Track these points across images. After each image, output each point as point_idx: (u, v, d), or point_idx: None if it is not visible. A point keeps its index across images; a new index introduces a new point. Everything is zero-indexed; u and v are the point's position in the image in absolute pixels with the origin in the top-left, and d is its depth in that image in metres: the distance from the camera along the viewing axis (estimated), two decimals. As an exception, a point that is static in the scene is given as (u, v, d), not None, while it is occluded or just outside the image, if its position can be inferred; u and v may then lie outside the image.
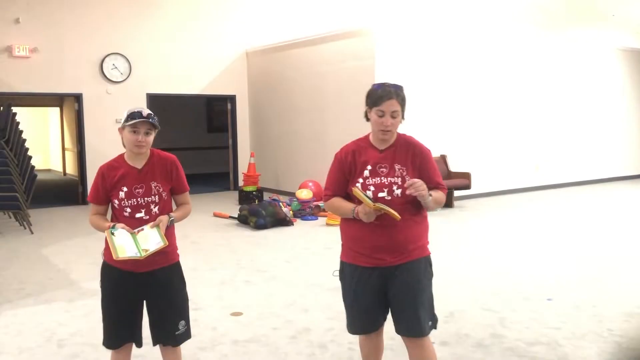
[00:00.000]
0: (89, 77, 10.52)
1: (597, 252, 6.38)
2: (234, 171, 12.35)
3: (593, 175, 12.52)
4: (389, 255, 2.69)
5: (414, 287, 2.72)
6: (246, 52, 12.16)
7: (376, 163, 2.72)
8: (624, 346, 3.74)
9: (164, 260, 2.80)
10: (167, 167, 2.84)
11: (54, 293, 5.12)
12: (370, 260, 2.71)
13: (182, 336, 2.89)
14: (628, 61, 12.94)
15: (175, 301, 2.86)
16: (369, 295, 2.75)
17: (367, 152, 2.77)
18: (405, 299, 2.72)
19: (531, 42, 11.32)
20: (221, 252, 6.67)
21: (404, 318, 2.74)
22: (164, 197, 2.80)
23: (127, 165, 2.80)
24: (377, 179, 2.70)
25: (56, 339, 4.00)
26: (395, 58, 9.39)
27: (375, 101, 2.71)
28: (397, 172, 2.70)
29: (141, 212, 2.74)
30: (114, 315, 2.82)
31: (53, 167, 17.66)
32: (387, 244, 2.68)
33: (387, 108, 2.67)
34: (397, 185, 2.68)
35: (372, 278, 2.73)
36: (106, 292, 2.84)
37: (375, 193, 2.68)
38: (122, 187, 2.75)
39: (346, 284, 2.83)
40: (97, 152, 10.55)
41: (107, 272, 2.83)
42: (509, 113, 11.00)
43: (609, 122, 12.75)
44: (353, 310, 2.83)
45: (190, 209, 2.96)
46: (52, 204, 10.57)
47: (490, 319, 4.27)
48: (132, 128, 2.73)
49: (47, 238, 7.55)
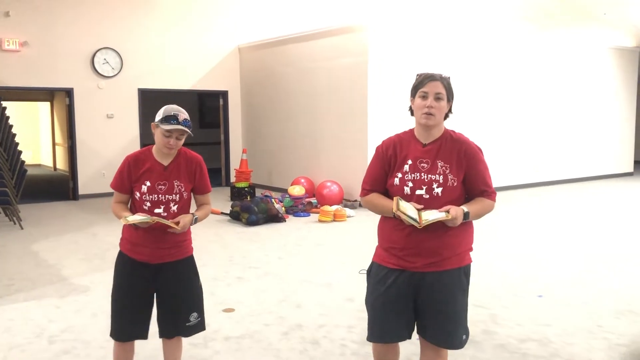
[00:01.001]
0: (80, 71, 10.44)
1: (587, 249, 6.42)
2: (226, 167, 12.32)
3: (585, 172, 12.60)
4: (422, 259, 2.48)
5: (447, 299, 2.51)
6: (238, 47, 12.11)
7: (417, 157, 2.51)
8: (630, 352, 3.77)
9: (179, 253, 2.85)
10: (192, 168, 2.87)
11: (45, 289, 5.08)
12: (399, 262, 2.51)
13: (194, 328, 2.91)
14: (620, 60, 13.02)
15: (189, 293, 2.89)
16: (394, 299, 2.53)
17: (409, 145, 2.56)
18: (435, 311, 2.52)
19: (525, 40, 11.35)
20: (213, 248, 6.65)
21: (434, 329, 2.55)
22: (185, 196, 2.83)
23: (154, 159, 2.82)
24: (416, 174, 2.49)
25: (47, 335, 3.98)
26: (389, 55, 9.39)
27: (418, 84, 2.55)
28: (439, 170, 2.48)
29: (160, 208, 2.77)
30: (125, 307, 2.84)
31: (43, 162, 17.53)
32: (423, 246, 2.46)
33: (430, 89, 2.49)
34: (437, 184, 2.47)
35: (398, 282, 2.52)
36: (119, 283, 2.86)
37: (413, 189, 2.49)
38: (145, 180, 2.78)
39: (370, 285, 2.63)
40: (88, 147, 10.49)
41: (121, 262, 2.86)
42: (503, 111, 11.04)
43: (602, 121, 12.82)
44: (374, 314, 2.60)
45: (210, 209, 3.00)
46: (43, 199, 10.49)
47: (481, 315, 4.29)
48: (166, 132, 2.72)
49: (38, 234, 7.50)
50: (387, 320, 2.55)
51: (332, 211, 8.21)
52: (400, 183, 2.51)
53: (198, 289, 2.94)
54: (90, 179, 10.52)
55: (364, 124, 9.12)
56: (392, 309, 2.53)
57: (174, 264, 2.83)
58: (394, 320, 2.54)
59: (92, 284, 5.18)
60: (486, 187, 2.53)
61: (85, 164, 10.48)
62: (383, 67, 9.21)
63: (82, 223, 8.19)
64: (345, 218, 8.25)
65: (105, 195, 10.12)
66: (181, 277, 2.85)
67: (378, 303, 2.56)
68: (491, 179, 2.58)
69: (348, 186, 9.38)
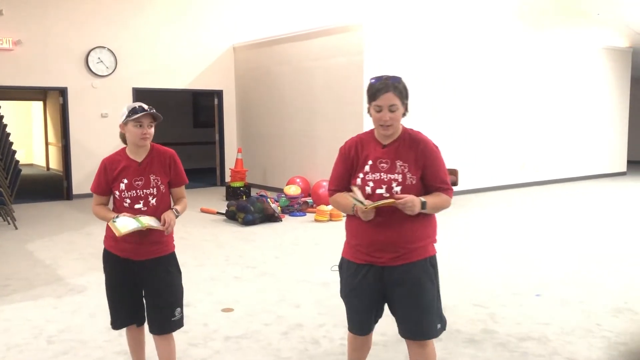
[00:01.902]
0: (74, 70, 10.38)
1: (583, 249, 6.45)
2: (221, 167, 12.29)
3: (578, 172, 12.67)
4: (386, 254, 2.59)
5: (415, 290, 2.62)
6: (233, 46, 12.08)
7: (377, 158, 2.63)
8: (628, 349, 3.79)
9: (161, 250, 2.94)
10: (166, 161, 2.97)
11: (42, 289, 5.05)
12: (366, 257, 2.63)
13: (177, 323, 3.00)
14: (613, 60, 13.10)
15: (173, 288, 2.98)
16: (362, 295, 2.67)
17: (369, 146, 2.67)
18: (406, 303, 2.63)
19: (519, 39, 11.40)
20: (209, 248, 6.63)
21: (406, 322, 2.66)
22: (162, 190, 2.93)
23: (128, 158, 2.93)
24: (376, 174, 2.61)
25: (45, 336, 3.95)
26: (384, 54, 9.40)
27: (372, 96, 2.61)
28: (398, 169, 2.59)
29: (140, 203, 2.87)
30: (115, 299, 2.99)
31: (36, 162, 17.42)
32: (386, 241, 2.58)
33: (384, 102, 2.56)
34: (396, 182, 2.58)
35: (368, 277, 2.64)
36: (107, 277, 3.00)
37: (373, 189, 2.60)
38: (122, 179, 2.88)
39: (342, 280, 2.79)
40: (82, 147, 10.43)
41: (107, 259, 2.98)
42: (496, 110, 11.07)
43: (595, 120, 12.89)
44: (348, 307, 2.79)
45: (186, 202, 3.09)
46: (36, 199, 10.43)
47: (480, 314, 4.30)
48: (137, 122, 2.84)
49: (32, 233, 7.45)
50: (362, 312, 2.72)
51: (328, 211, 8.21)
52: (362, 183, 2.64)
53: (181, 285, 3.04)
54: (84, 178, 10.45)
55: (359, 124, 9.11)
56: (366, 302, 2.69)
57: (157, 261, 2.92)
58: (367, 313, 2.72)
59: (88, 284, 5.15)
60: (442, 183, 2.65)
61: (80, 163, 10.42)
62: (379, 67, 9.22)
63: (76, 223, 8.14)
64: (342, 218, 8.25)
65: (100, 195, 10.06)
66: (164, 273, 2.94)
67: (352, 297, 2.72)
68: (447, 175, 2.69)
69: (344, 186, 9.37)
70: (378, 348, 3.65)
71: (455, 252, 6.22)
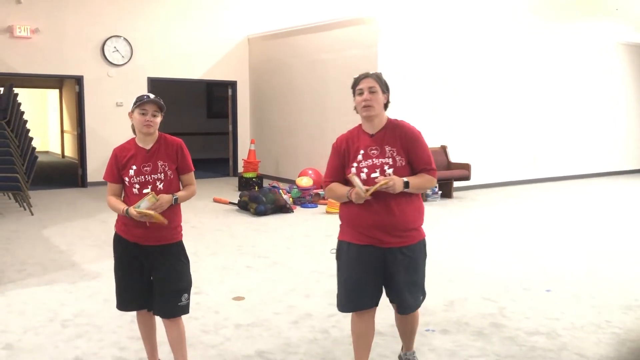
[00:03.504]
0: (90, 59, 10.48)
1: (595, 245, 6.43)
2: (234, 157, 12.36)
3: (592, 169, 12.57)
4: (387, 236, 2.83)
5: (414, 270, 2.93)
6: (248, 38, 12.11)
7: (367, 146, 2.89)
8: (627, 341, 3.79)
9: (169, 237, 3.01)
10: (174, 149, 3.05)
11: (56, 274, 5.14)
12: (367, 238, 2.86)
13: (183, 308, 3.06)
14: (629, 55, 12.96)
15: (181, 275, 3.04)
16: (364, 272, 2.87)
17: (359, 138, 2.94)
18: (409, 282, 2.92)
19: (534, 34, 11.31)
20: (222, 237, 6.69)
21: (404, 298, 2.93)
22: (170, 175, 3.01)
23: (137, 146, 3.04)
24: (369, 161, 2.87)
25: (60, 319, 4.03)
26: (398, 47, 9.38)
27: (355, 84, 2.94)
28: (388, 153, 2.86)
29: (148, 188, 2.96)
30: (123, 282, 3.06)
31: (51, 149, 17.62)
32: (383, 223, 2.82)
33: (364, 85, 2.88)
34: (388, 165, 2.84)
35: (369, 256, 2.86)
36: (116, 260, 3.08)
37: (368, 174, 2.84)
38: (132, 165, 2.98)
39: (342, 261, 2.96)
40: (97, 135, 10.55)
41: (117, 243, 3.06)
42: (509, 105, 11.01)
43: (609, 116, 12.78)
44: (347, 286, 2.92)
45: (194, 189, 3.16)
46: (52, 186, 10.57)
47: (490, 308, 4.32)
48: (141, 110, 2.96)
49: (48, 219, 7.56)
50: (359, 290, 2.90)
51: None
52: (356, 171, 2.87)
53: (188, 272, 3.10)
54: (99, 166, 10.56)
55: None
56: (367, 278, 2.89)
57: (165, 248, 2.99)
58: (366, 289, 2.91)
59: (102, 270, 5.23)
60: (427, 165, 2.90)
61: (94, 151, 10.53)
62: (393, 59, 9.21)
63: (91, 210, 8.25)
64: (353, 210, 8.27)
65: (114, 183, 10.18)
66: (173, 260, 3.01)
67: (354, 275, 2.89)
68: (431, 157, 2.93)
69: (356, 178, 9.39)
70: (387, 339, 3.69)
71: (465, 247, 6.23)
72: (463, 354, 3.53)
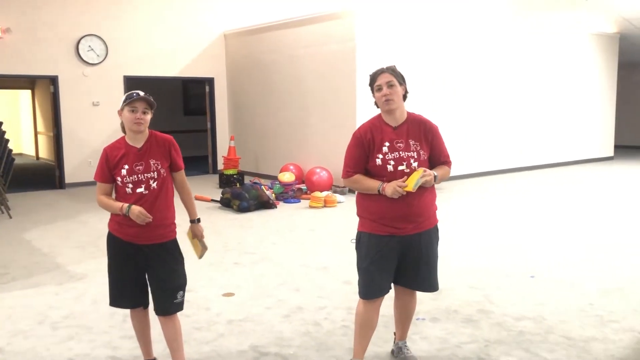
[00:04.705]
0: (65, 59, 10.31)
1: (572, 233, 6.58)
2: (213, 155, 12.29)
3: (566, 157, 12.83)
4: (409, 224, 2.95)
5: (431, 252, 3.07)
6: (224, 34, 12.05)
7: (393, 139, 2.96)
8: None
9: (164, 235, 3.01)
10: (166, 146, 3.04)
11: (42, 277, 5.08)
12: (390, 229, 2.95)
13: (179, 305, 3.07)
14: (601, 46, 13.23)
15: (177, 272, 3.05)
16: (386, 260, 2.97)
17: (382, 129, 3.00)
18: (425, 263, 3.05)
19: (507, 25, 11.47)
20: (207, 234, 6.56)
21: (429, 279, 3.08)
22: (162, 173, 2.99)
23: (127, 145, 3.00)
24: (395, 153, 2.94)
25: (49, 322, 3.99)
26: (376, 41, 9.43)
27: (372, 80, 3.01)
28: (412, 147, 2.96)
29: (141, 187, 2.94)
30: (118, 281, 3.05)
31: (25, 151, 17.29)
32: (407, 213, 2.93)
33: (382, 81, 2.95)
34: (414, 159, 2.95)
35: (391, 244, 2.96)
36: (111, 259, 3.06)
37: (395, 167, 2.93)
38: (123, 165, 2.94)
39: (363, 251, 3.02)
40: (74, 136, 10.39)
41: (111, 242, 3.04)
42: (488, 96, 11.16)
43: (583, 105, 13.04)
44: (370, 274, 2.99)
45: (189, 189, 3.22)
46: (28, 188, 10.39)
47: (477, 295, 4.40)
48: (131, 107, 2.92)
49: (27, 222, 7.45)
50: (383, 279, 3.01)
51: (322, 197, 8.28)
52: (382, 163, 2.94)
53: (183, 269, 3.11)
54: (76, 167, 10.43)
55: (352, 110, 9.17)
56: (386, 269, 3.00)
57: (160, 246, 2.99)
58: (388, 277, 3.04)
59: (88, 271, 5.18)
60: (446, 157, 3.09)
61: (72, 152, 10.38)
62: (371, 53, 9.25)
63: (71, 211, 8.14)
64: (336, 204, 8.33)
65: (93, 184, 10.02)
66: (168, 258, 3.02)
67: (374, 266, 2.97)
68: (447, 149, 3.12)
69: (337, 172, 9.43)
70: (379, 328, 3.74)
71: (451, 236, 6.31)
72: (454, 341, 3.60)
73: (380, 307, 3.11)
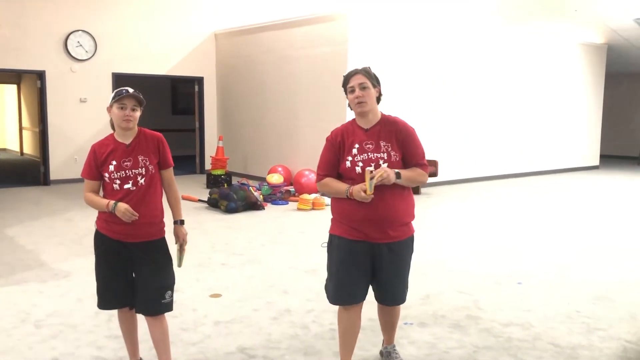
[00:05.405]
0: (53, 54, 10.19)
1: (559, 240, 6.62)
2: (201, 154, 12.22)
3: (552, 165, 12.93)
4: (377, 232, 2.87)
5: (402, 266, 3.02)
6: (215, 33, 11.99)
7: (363, 141, 2.92)
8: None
9: (152, 233, 2.98)
10: (155, 143, 3.02)
11: (25, 274, 5.00)
12: (359, 234, 2.89)
13: (167, 305, 3.02)
14: (588, 56, 13.37)
15: (165, 271, 3.01)
16: (354, 267, 2.92)
17: (354, 132, 2.96)
18: (394, 277, 3.00)
19: (496, 34, 11.55)
20: (194, 235, 6.59)
21: (392, 292, 3.04)
22: (151, 170, 2.97)
23: (116, 142, 2.98)
24: (364, 155, 2.89)
25: (32, 320, 3.92)
26: (368, 43, 9.44)
27: (345, 82, 2.96)
28: (383, 148, 2.90)
29: (129, 183, 2.91)
30: (105, 280, 3.00)
31: (9, 146, 17.07)
32: (375, 217, 2.85)
33: (355, 82, 2.91)
34: (383, 160, 2.88)
35: (360, 250, 2.90)
36: (98, 257, 3.01)
37: (363, 168, 2.86)
38: (111, 161, 2.92)
39: (333, 255, 2.98)
40: (61, 132, 10.27)
41: (98, 240, 2.99)
42: (475, 105, 11.22)
43: (569, 115, 13.16)
44: (338, 279, 2.95)
45: (177, 188, 3.19)
46: (12, 184, 10.25)
47: (465, 301, 4.40)
48: (120, 104, 2.90)
49: (11, 218, 7.33)
50: (353, 283, 2.94)
51: (310, 200, 8.25)
52: (351, 165, 2.90)
53: (172, 269, 3.07)
54: (62, 164, 10.31)
55: (342, 113, 9.15)
56: (357, 273, 2.93)
57: (148, 244, 2.95)
58: (358, 283, 2.96)
59: (73, 269, 5.11)
60: (420, 160, 2.99)
61: (57, 148, 10.26)
62: (363, 56, 9.26)
63: (55, 208, 8.04)
64: (324, 207, 8.31)
65: (79, 181, 9.94)
66: (157, 257, 2.98)
67: (344, 269, 2.93)
68: (424, 153, 3.02)
69: (325, 175, 9.41)
70: (367, 333, 3.73)
71: (438, 242, 6.32)
72: (442, 346, 3.59)
73: (361, 312, 3.05)
